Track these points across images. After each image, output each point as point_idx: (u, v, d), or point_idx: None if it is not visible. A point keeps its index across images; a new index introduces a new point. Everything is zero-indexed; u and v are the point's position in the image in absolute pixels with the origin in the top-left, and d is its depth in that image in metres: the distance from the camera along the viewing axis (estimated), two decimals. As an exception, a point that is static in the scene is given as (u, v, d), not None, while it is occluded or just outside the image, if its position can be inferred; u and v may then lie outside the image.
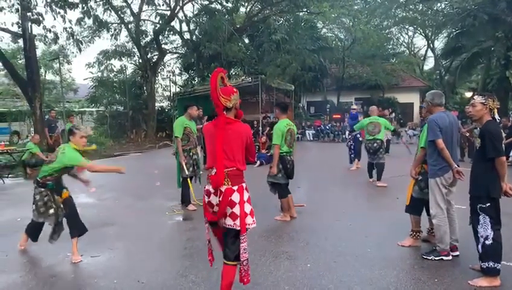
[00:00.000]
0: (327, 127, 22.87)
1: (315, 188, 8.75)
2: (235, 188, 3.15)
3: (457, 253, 4.46)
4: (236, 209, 3.13)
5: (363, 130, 9.39)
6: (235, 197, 3.14)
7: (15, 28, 16.36)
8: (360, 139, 11.08)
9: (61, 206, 4.64)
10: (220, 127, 3.12)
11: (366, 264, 4.35)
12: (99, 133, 23.06)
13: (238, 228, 3.14)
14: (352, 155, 11.62)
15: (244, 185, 3.23)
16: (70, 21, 17.90)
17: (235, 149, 3.16)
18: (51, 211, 4.59)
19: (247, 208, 3.20)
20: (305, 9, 23.50)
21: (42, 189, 4.57)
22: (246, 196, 3.22)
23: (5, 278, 4.17)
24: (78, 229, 4.70)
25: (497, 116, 3.92)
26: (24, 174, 11.18)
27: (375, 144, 8.81)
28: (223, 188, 3.13)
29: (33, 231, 4.87)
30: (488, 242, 3.78)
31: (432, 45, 36.25)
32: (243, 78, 20.68)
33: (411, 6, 24.57)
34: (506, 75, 19.22)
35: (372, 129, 8.85)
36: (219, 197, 3.14)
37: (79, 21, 20.50)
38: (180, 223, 6.24)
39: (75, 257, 4.60)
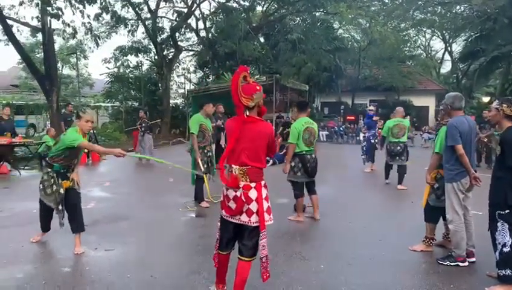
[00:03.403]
0: (341, 129, 22.75)
1: (328, 189, 8.70)
2: (253, 185, 3.16)
3: (473, 259, 4.39)
4: (253, 206, 3.14)
5: (380, 131, 9.32)
6: (252, 193, 3.15)
7: (34, 22, 16.57)
8: (372, 141, 10.97)
9: (61, 191, 4.64)
10: (238, 127, 3.15)
11: (380, 267, 4.31)
12: (114, 128, 23.24)
13: (253, 225, 3.16)
14: (363, 157, 11.51)
15: (262, 182, 3.24)
16: (88, 16, 18.11)
17: (256, 148, 3.18)
18: (49, 190, 4.66)
19: (265, 205, 3.20)
20: (322, 10, 23.38)
21: (49, 169, 4.66)
22: (264, 193, 3.21)
23: (19, 268, 4.21)
24: (75, 225, 4.74)
25: (516, 122, 3.85)
26: (40, 166, 11.33)
27: (398, 147, 8.77)
28: (241, 184, 3.15)
29: (42, 218, 4.89)
30: (506, 249, 3.72)
31: (449, 48, 35.81)
32: (257, 77, 20.70)
33: (429, 9, 24.27)
34: (526, 80, 18.91)
35: (397, 132, 8.79)
36: (236, 193, 3.17)
37: (97, 16, 20.67)
38: (193, 220, 6.26)
39: (76, 249, 4.66)
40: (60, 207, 4.70)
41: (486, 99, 28.36)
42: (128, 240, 5.18)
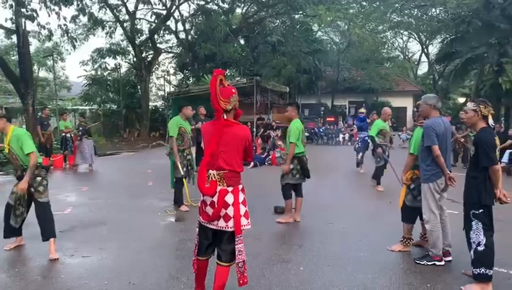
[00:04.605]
0: (321, 130, 22.88)
1: (308, 190, 8.73)
2: (230, 189, 3.14)
3: (449, 258, 4.47)
4: (230, 211, 3.12)
5: None
6: (229, 198, 3.12)
7: (8, 24, 16.25)
8: (368, 140, 11.17)
9: (18, 193, 4.64)
10: (217, 131, 3.11)
11: (359, 268, 4.34)
12: (92, 131, 22.91)
13: (230, 230, 3.13)
14: (358, 157, 11.56)
15: (240, 186, 3.22)
16: (65, 18, 17.88)
17: (233, 151, 3.16)
18: (14, 189, 4.72)
19: (242, 209, 3.18)
20: (301, 12, 23.55)
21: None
22: (241, 197, 3.19)
23: (-7, 277, 4.10)
24: (42, 233, 4.66)
25: (490, 122, 3.93)
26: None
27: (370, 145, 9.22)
28: (217, 189, 3.12)
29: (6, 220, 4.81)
30: (480, 248, 3.79)
31: (426, 50, 36.49)
32: (238, 79, 20.69)
33: (406, 11, 24.72)
34: (498, 81, 19.35)
35: None
36: (213, 198, 3.13)
37: (74, 18, 20.36)
38: (173, 224, 6.20)
39: (50, 255, 4.57)
40: (19, 209, 4.69)
41: (461, 100, 28.99)
42: (106, 245, 5.09)
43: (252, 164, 12.31)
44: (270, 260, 4.57)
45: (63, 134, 12.62)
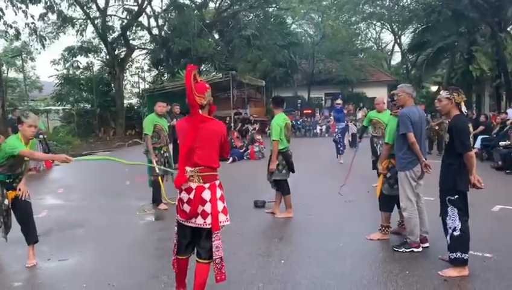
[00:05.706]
0: (298, 123, 22.97)
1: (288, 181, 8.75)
2: (207, 185, 3.11)
3: (427, 244, 4.55)
4: (207, 208, 3.09)
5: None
6: (206, 194, 3.10)
7: (-27, 24, 15.63)
8: (348, 125, 11.22)
9: (5, 202, 4.39)
10: (192, 127, 3.07)
11: (339, 258, 4.38)
12: (66, 132, 22.41)
13: (208, 227, 3.10)
14: (340, 148, 11.60)
15: (217, 182, 3.19)
16: (32, 16, 17.15)
17: (209, 147, 3.12)
18: None
19: (220, 205, 3.15)
20: (275, 5, 23.50)
21: None
22: (218, 193, 3.16)
23: (-34, 286, 3.97)
24: (29, 236, 4.49)
25: (464, 109, 3.99)
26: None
27: None
28: (193, 186, 3.09)
29: None
30: (456, 233, 3.86)
31: (398, 40, 36.98)
32: (213, 74, 20.56)
33: (378, 2, 24.96)
34: (469, 69, 19.84)
35: None
36: (189, 195, 3.09)
37: (42, 16, 19.75)
38: (152, 223, 6.13)
39: (29, 261, 4.42)
40: (2, 219, 4.44)
41: (434, 88, 29.53)
42: (84, 248, 4.99)
43: (231, 159, 12.26)
44: (251, 254, 4.56)
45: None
